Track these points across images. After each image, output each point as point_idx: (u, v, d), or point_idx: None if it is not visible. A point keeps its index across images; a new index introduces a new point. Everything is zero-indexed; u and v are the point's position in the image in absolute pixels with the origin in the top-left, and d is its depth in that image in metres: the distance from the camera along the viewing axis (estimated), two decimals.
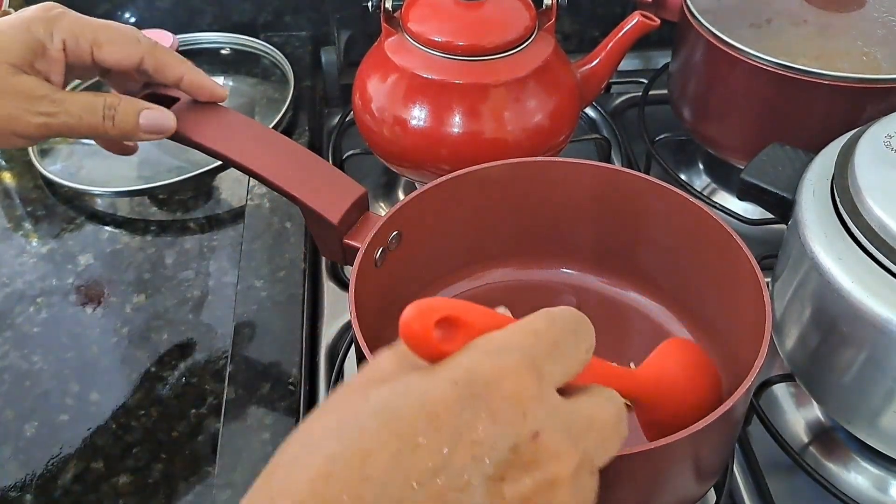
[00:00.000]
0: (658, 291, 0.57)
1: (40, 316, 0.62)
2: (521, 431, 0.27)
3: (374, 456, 0.26)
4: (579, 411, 0.30)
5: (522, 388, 0.28)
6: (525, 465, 0.27)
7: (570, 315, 0.31)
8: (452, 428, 0.26)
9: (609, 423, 0.31)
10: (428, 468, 0.26)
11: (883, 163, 0.47)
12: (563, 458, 0.28)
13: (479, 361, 0.28)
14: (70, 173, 0.72)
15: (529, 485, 0.27)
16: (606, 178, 0.55)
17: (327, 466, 0.26)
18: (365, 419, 0.27)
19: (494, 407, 0.27)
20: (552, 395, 0.29)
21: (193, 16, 0.88)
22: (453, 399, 0.27)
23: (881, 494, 0.52)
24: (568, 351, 0.30)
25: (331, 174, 0.53)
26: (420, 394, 0.27)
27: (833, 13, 0.65)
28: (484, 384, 0.27)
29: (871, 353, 0.45)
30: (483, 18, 0.64)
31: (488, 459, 0.26)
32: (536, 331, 0.30)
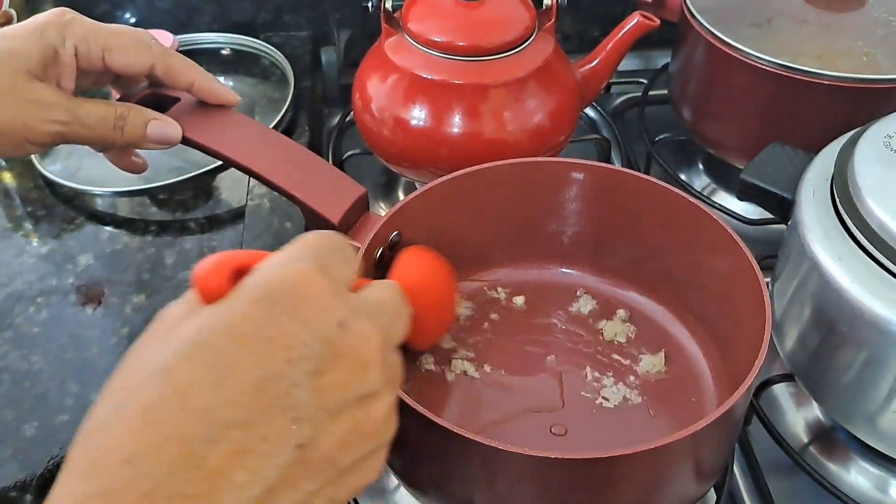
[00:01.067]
0: (658, 291, 0.57)
1: (40, 316, 0.62)
2: (327, 325, 0.29)
3: (191, 390, 0.27)
4: (370, 298, 0.32)
5: (319, 286, 0.29)
6: (338, 353, 0.29)
7: (331, 233, 0.33)
8: (261, 340, 0.28)
9: (395, 304, 0.34)
10: (249, 385, 0.27)
11: (883, 163, 0.47)
12: (369, 339, 0.30)
13: (269, 275, 0.29)
14: (70, 173, 0.72)
15: (346, 370, 0.29)
16: (606, 179, 0.55)
17: (148, 414, 0.26)
18: (172, 359, 0.27)
19: (297, 309, 0.28)
20: (344, 290, 0.31)
21: (193, 16, 0.88)
22: (256, 314, 0.28)
23: (881, 494, 0.52)
24: (344, 255, 0.33)
25: (331, 174, 0.53)
26: (223, 321, 0.28)
27: (833, 13, 0.65)
28: (281, 292, 0.29)
29: (870, 353, 0.45)
30: (483, 18, 0.64)
31: (303, 359, 0.28)
32: (311, 243, 0.32)
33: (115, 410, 0.27)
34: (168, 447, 0.26)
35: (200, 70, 0.54)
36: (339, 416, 0.29)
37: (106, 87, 0.80)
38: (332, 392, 0.28)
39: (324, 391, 0.28)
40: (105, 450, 0.26)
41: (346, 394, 0.29)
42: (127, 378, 0.28)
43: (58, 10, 0.50)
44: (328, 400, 0.28)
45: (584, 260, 0.59)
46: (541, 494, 0.41)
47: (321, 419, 0.28)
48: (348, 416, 0.29)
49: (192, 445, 0.26)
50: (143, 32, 0.53)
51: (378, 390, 0.30)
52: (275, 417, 0.27)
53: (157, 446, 0.26)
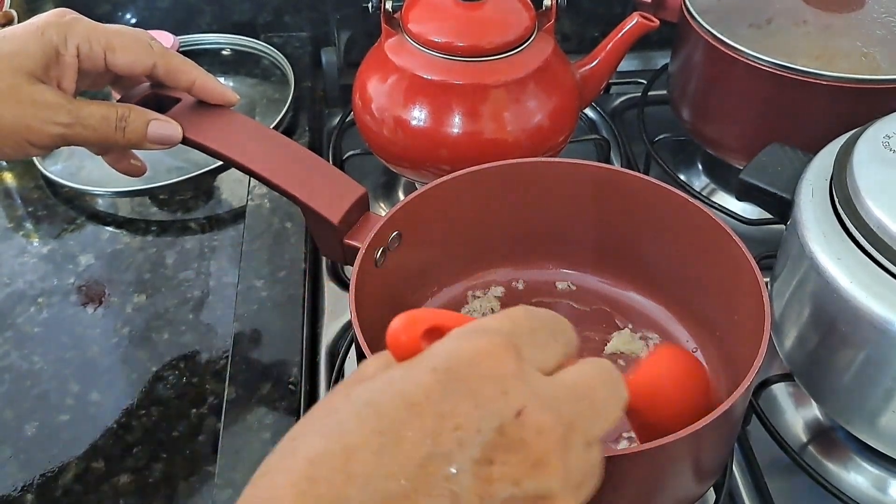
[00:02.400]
0: (657, 291, 0.57)
1: (41, 316, 0.62)
2: (504, 411, 0.27)
3: (357, 453, 0.25)
4: (564, 384, 0.29)
5: (501, 366, 0.27)
6: (511, 445, 0.26)
7: (547, 311, 0.31)
8: (434, 415, 0.26)
9: (600, 389, 0.30)
10: (413, 459, 0.25)
11: (882, 163, 0.47)
12: (548, 433, 0.27)
13: (455, 345, 0.28)
14: (71, 173, 0.72)
15: (517, 464, 0.26)
16: (606, 179, 0.55)
17: (310, 469, 0.26)
18: (345, 417, 0.27)
19: (475, 388, 0.27)
20: (533, 373, 0.28)
21: (193, 16, 0.88)
22: (433, 385, 0.27)
23: (880, 494, 0.52)
24: (546, 339, 0.30)
25: (331, 174, 0.53)
26: (399, 385, 0.27)
27: (833, 13, 0.65)
28: (462, 366, 0.27)
29: (869, 353, 0.45)
30: (483, 19, 0.64)
31: (474, 443, 0.26)
32: (513, 317, 0.30)
33: (283, 459, 0.27)
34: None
35: (201, 70, 0.54)
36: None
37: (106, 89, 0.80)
38: (499, 485, 0.26)
39: (490, 482, 0.26)
40: (268, 497, 0.26)
41: (515, 490, 0.26)
42: (306, 427, 0.28)
43: (58, 11, 0.50)
44: (493, 492, 0.26)
45: (584, 260, 0.59)
46: None
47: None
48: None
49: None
50: (143, 32, 0.53)
51: (552, 493, 0.27)
52: (434, 498, 0.25)
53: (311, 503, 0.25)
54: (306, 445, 0.26)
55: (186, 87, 0.53)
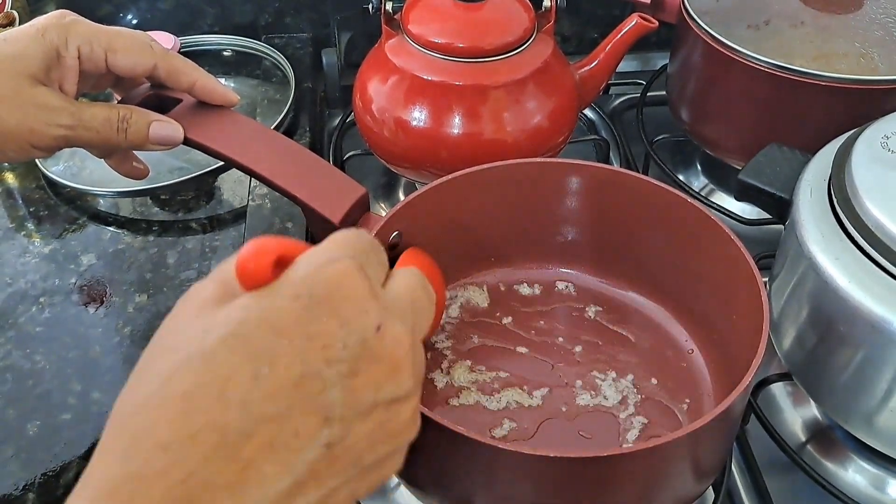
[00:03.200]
0: (656, 291, 0.58)
1: (43, 316, 0.62)
2: (366, 327, 0.29)
3: (231, 380, 0.27)
4: (400, 294, 0.33)
5: (359, 287, 0.30)
6: (373, 356, 0.29)
7: (364, 232, 0.34)
8: (302, 337, 0.28)
9: (423, 296, 0.34)
10: (287, 380, 0.27)
11: (880, 163, 0.47)
12: (402, 342, 0.30)
13: (312, 272, 0.30)
14: (72, 174, 0.72)
15: (377, 373, 0.29)
16: (605, 179, 0.55)
17: (186, 402, 0.27)
18: (214, 347, 0.28)
19: (338, 309, 0.29)
20: (380, 289, 0.31)
21: (195, 17, 0.88)
22: (298, 310, 0.28)
23: (878, 493, 0.53)
24: (378, 255, 0.33)
25: (332, 175, 0.53)
26: (265, 314, 0.28)
27: (831, 14, 0.65)
28: (324, 290, 0.29)
29: (868, 353, 0.45)
30: (482, 20, 0.64)
31: (341, 359, 0.28)
32: (350, 242, 0.32)
33: (152, 393, 0.27)
34: (204, 436, 0.26)
35: (201, 71, 0.54)
36: (367, 417, 0.29)
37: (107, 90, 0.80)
38: (364, 394, 0.29)
39: (356, 392, 0.29)
40: (142, 434, 0.27)
41: (378, 396, 0.29)
42: (165, 358, 0.29)
43: (58, 13, 0.50)
44: (360, 401, 0.29)
45: (583, 260, 0.59)
46: (540, 493, 0.42)
47: (351, 419, 0.29)
48: (376, 416, 0.29)
49: (227, 436, 0.26)
50: (143, 34, 0.53)
51: (407, 393, 0.30)
52: (308, 415, 0.27)
53: (193, 435, 0.26)
54: (177, 378, 0.27)
55: (187, 88, 0.54)
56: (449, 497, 0.45)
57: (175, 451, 0.26)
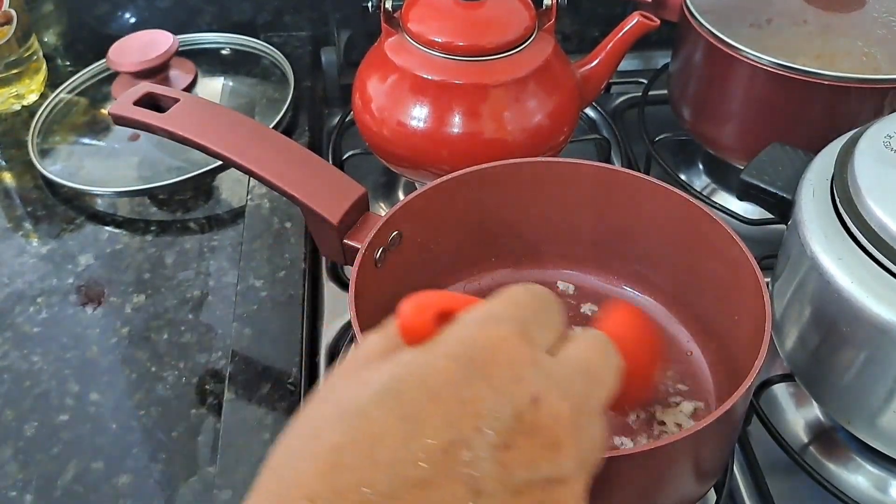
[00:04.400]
0: (658, 292, 0.57)
1: (40, 316, 0.62)
2: (521, 397, 0.27)
3: (381, 440, 0.26)
4: (570, 363, 0.30)
5: (517, 353, 0.28)
6: (528, 430, 0.27)
7: (540, 288, 0.32)
8: (455, 401, 0.27)
9: (598, 361, 0.31)
10: (436, 446, 0.26)
11: (883, 163, 0.47)
12: (562, 418, 0.28)
13: (471, 333, 0.29)
14: (70, 173, 0.72)
15: (533, 449, 0.27)
16: (606, 179, 0.55)
17: (335, 456, 0.26)
18: (366, 404, 0.27)
19: (493, 376, 0.27)
20: (544, 357, 0.29)
21: (193, 16, 0.88)
22: (453, 372, 0.27)
23: (881, 494, 0.52)
24: (547, 319, 0.31)
25: (331, 174, 0.53)
26: (419, 371, 0.27)
27: (833, 13, 0.65)
28: (479, 353, 0.28)
29: (870, 353, 0.45)
30: (483, 19, 0.64)
31: (492, 430, 0.27)
32: (519, 301, 0.31)
33: (304, 444, 0.27)
34: (349, 495, 0.25)
35: None
36: (520, 496, 0.27)
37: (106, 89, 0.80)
38: (517, 469, 0.27)
39: (508, 467, 0.27)
40: (291, 483, 0.26)
41: (532, 474, 0.27)
42: (320, 412, 0.28)
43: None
44: (512, 477, 0.27)
45: (584, 260, 0.59)
46: None
47: (501, 495, 0.27)
48: (531, 496, 0.27)
49: (372, 498, 0.25)
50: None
51: (567, 474, 0.28)
52: (455, 484, 0.26)
53: (339, 492, 0.25)
54: (328, 432, 0.27)
55: None
56: None
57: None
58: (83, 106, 0.80)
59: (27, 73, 0.81)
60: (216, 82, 0.82)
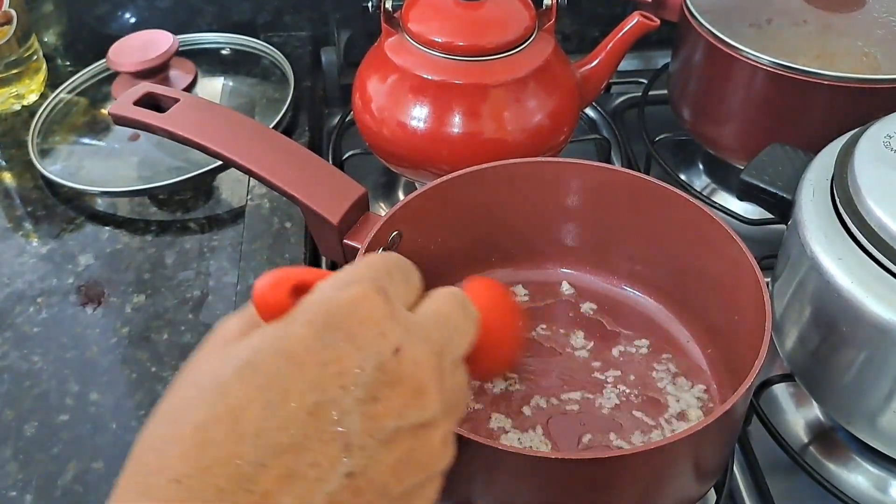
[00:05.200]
0: (658, 292, 0.57)
1: (40, 316, 0.62)
2: (382, 350, 0.28)
3: (244, 412, 0.26)
4: (427, 315, 0.31)
5: (376, 309, 0.29)
6: (392, 380, 0.28)
7: (392, 254, 0.33)
8: (315, 364, 0.27)
9: (456, 313, 0.32)
10: (301, 409, 0.26)
11: (883, 163, 0.47)
12: (424, 364, 0.29)
13: (328, 297, 0.29)
14: (70, 173, 0.72)
15: (399, 397, 0.28)
16: (606, 179, 0.55)
17: (200, 434, 0.26)
18: (227, 380, 0.27)
19: (353, 333, 0.28)
20: (402, 312, 0.30)
21: (193, 16, 0.88)
22: (311, 337, 0.28)
23: (881, 494, 0.52)
24: (402, 278, 0.32)
25: (331, 174, 0.53)
26: (277, 342, 0.28)
27: (833, 13, 0.65)
28: (338, 314, 0.28)
29: (870, 353, 0.45)
30: (483, 19, 0.64)
31: (357, 385, 0.27)
32: (371, 264, 0.31)
33: (167, 428, 0.27)
34: (218, 469, 0.25)
35: None
36: (391, 445, 0.28)
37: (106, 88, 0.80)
38: (385, 420, 0.28)
39: (376, 419, 0.27)
40: (156, 469, 0.26)
41: (400, 422, 0.28)
42: (181, 394, 0.28)
43: None
44: (381, 428, 0.28)
45: (584, 260, 0.59)
46: (540, 494, 0.41)
47: (373, 447, 0.27)
48: (402, 444, 0.28)
49: (241, 468, 0.26)
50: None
51: (434, 418, 0.29)
52: (326, 444, 0.27)
53: (206, 468, 0.25)
54: (191, 412, 0.27)
55: None
56: (448, 498, 0.44)
57: (189, 485, 0.25)
58: (83, 106, 0.80)
59: (27, 73, 0.81)
60: (216, 82, 0.82)
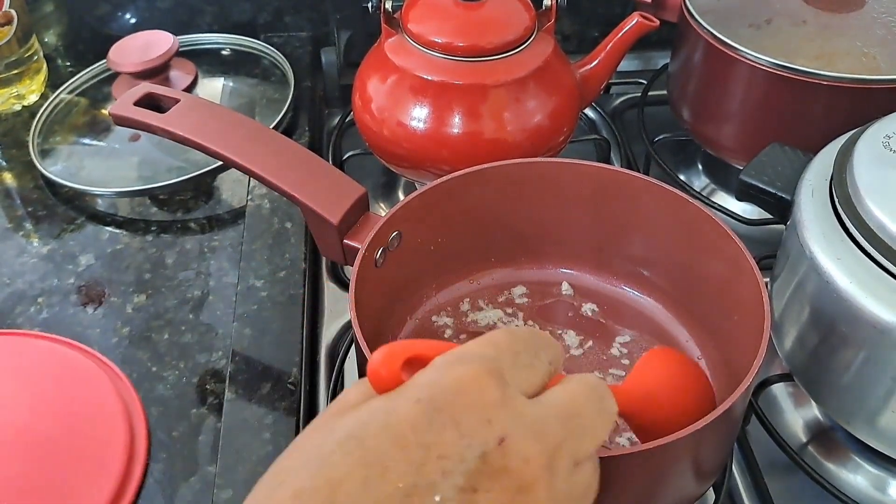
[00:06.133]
0: (657, 292, 0.57)
1: (41, 316, 0.62)
2: (487, 439, 0.27)
3: (342, 485, 0.26)
4: (550, 406, 0.29)
5: (484, 394, 0.27)
6: (495, 473, 0.27)
7: (529, 329, 0.31)
8: (418, 446, 0.26)
9: (587, 407, 0.30)
10: (398, 490, 0.26)
11: (882, 163, 0.47)
12: (531, 460, 0.27)
13: (438, 375, 0.28)
14: (71, 174, 0.72)
15: (501, 491, 0.27)
16: (606, 179, 0.55)
17: (297, 501, 0.26)
18: (329, 450, 0.27)
19: (458, 418, 0.27)
20: (517, 399, 0.28)
21: (193, 16, 0.88)
22: (417, 416, 0.27)
23: (880, 494, 0.52)
24: (530, 361, 0.30)
25: (331, 174, 0.53)
26: (383, 417, 0.27)
27: (832, 13, 0.65)
28: (445, 396, 0.27)
29: (869, 353, 0.45)
30: (483, 19, 0.64)
31: (458, 472, 0.26)
32: (495, 342, 0.30)
33: (268, 493, 0.27)
34: None
35: None
36: None
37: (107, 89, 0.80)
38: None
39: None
40: None
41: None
42: (287, 461, 0.28)
43: None
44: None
45: (583, 260, 0.59)
46: None
47: None
48: None
49: None
50: None
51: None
52: None
53: None
54: (291, 479, 0.27)
55: None
56: None
57: None
58: (84, 106, 0.80)
59: (28, 73, 0.81)
60: (216, 83, 0.82)
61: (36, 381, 0.51)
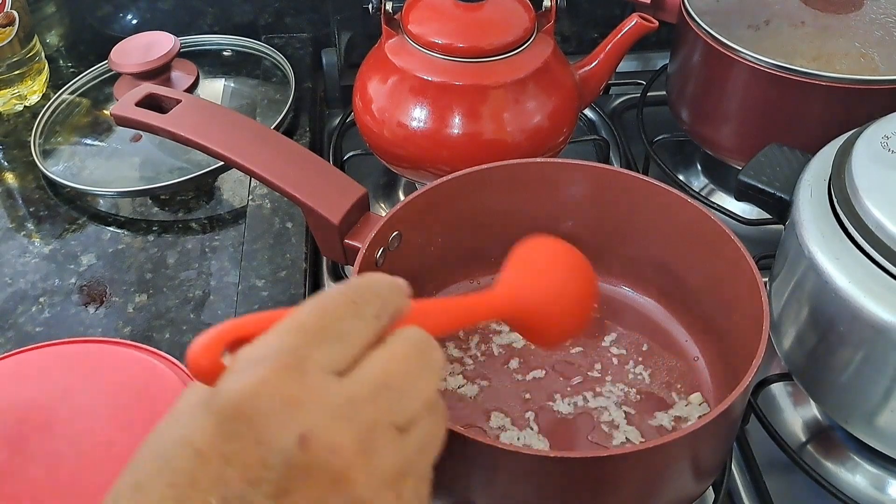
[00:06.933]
0: (656, 291, 0.58)
1: (42, 315, 0.62)
2: (285, 441, 0.26)
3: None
4: (361, 384, 0.28)
5: (280, 393, 0.27)
6: (303, 471, 0.26)
7: (348, 284, 0.30)
8: (219, 459, 0.26)
9: (408, 365, 0.29)
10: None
11: (880, 163, 0.47)
12: (342, 450, 0.27)
13: (231, 383, 0.27)
14: (72, 174, 0.72)
15: (315, 487, 0.26)
16: (605, 179, 0.55)
17: None
18: (144, 476, 0.27)
19: (254, 424, 0.26)
20: (320, 386, 0.27)
21: (194, 17, 0.88)
22: (213, 429, 0.27)
23: (879, 493, 0.53)
24: (341, 331, 0.29)
25: (331, 175, 0.53)
26: (184, 431, 0.27)
27: (831, 14, 0.65)
28: (239, 405, 0.27)
29: (868, 353, 0.45)
30: (483, 20, 0.64)
31: (265, 479, 0.26)
32: (299, 324, 0.29)
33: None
34: None
35: None
36: None
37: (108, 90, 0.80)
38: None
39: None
40: None
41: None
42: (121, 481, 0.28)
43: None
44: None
45: None
46: (540, 493, 0.42)
47: None
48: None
49: None
50: None
51: (365, 496, 0.27)
52: None
53: None
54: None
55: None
56: (449, 497, 0.45)
57: None
58: (85, 107, 0.80)
59: (29, 74, 0.81)
60: (217, 83, 0.82)
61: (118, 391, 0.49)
